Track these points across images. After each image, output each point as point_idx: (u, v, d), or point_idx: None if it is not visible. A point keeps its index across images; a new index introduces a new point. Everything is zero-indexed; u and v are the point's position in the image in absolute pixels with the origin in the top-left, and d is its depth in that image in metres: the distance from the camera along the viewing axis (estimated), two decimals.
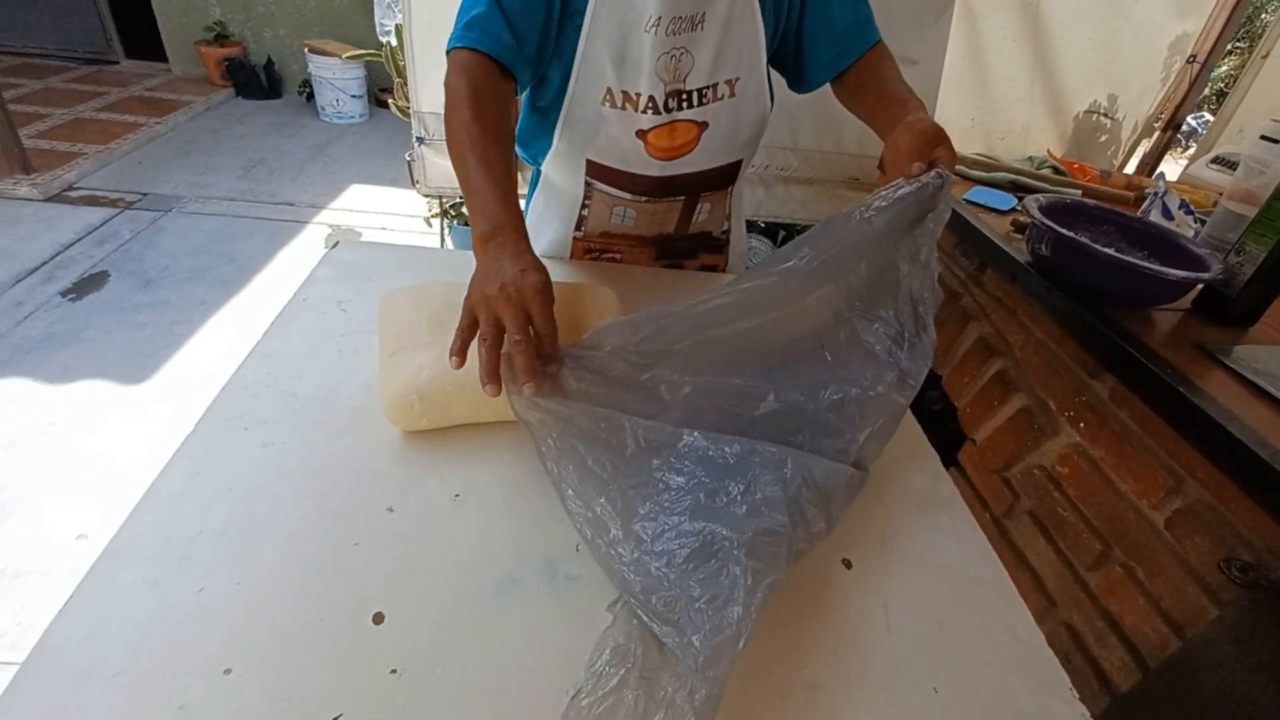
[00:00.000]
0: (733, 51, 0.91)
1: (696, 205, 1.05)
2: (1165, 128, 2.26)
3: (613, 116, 0.92)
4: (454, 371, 0.68)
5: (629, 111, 0.91)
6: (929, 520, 0.70)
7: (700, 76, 0.91)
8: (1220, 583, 0.81)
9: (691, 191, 1.03)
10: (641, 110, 0.91)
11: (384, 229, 3.36)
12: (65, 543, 1.65)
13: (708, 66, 0.90)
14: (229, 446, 0.65)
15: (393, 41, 2.76)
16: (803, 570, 0.62)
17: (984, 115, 2.17)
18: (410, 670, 0.49)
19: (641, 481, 0.59)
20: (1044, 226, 1.04)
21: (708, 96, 0.93)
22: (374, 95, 4.95)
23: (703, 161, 0.98)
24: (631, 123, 0.92)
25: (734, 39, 0.90)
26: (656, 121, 0.92)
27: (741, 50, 0.91)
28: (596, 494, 0.58)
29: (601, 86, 0.90)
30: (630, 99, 0.90)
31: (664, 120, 0.92)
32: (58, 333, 2.35)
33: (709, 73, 0.91)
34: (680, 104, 0.92)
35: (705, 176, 1.01)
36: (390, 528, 0.59)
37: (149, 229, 3.09)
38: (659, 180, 0.97)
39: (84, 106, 4.31)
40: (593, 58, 0.88)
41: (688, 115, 0.93)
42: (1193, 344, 0.97)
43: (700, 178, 1.01)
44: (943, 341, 1.38)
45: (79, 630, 0.48)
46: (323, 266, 0.95)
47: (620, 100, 0.91)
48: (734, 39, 0.90)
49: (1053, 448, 1.08)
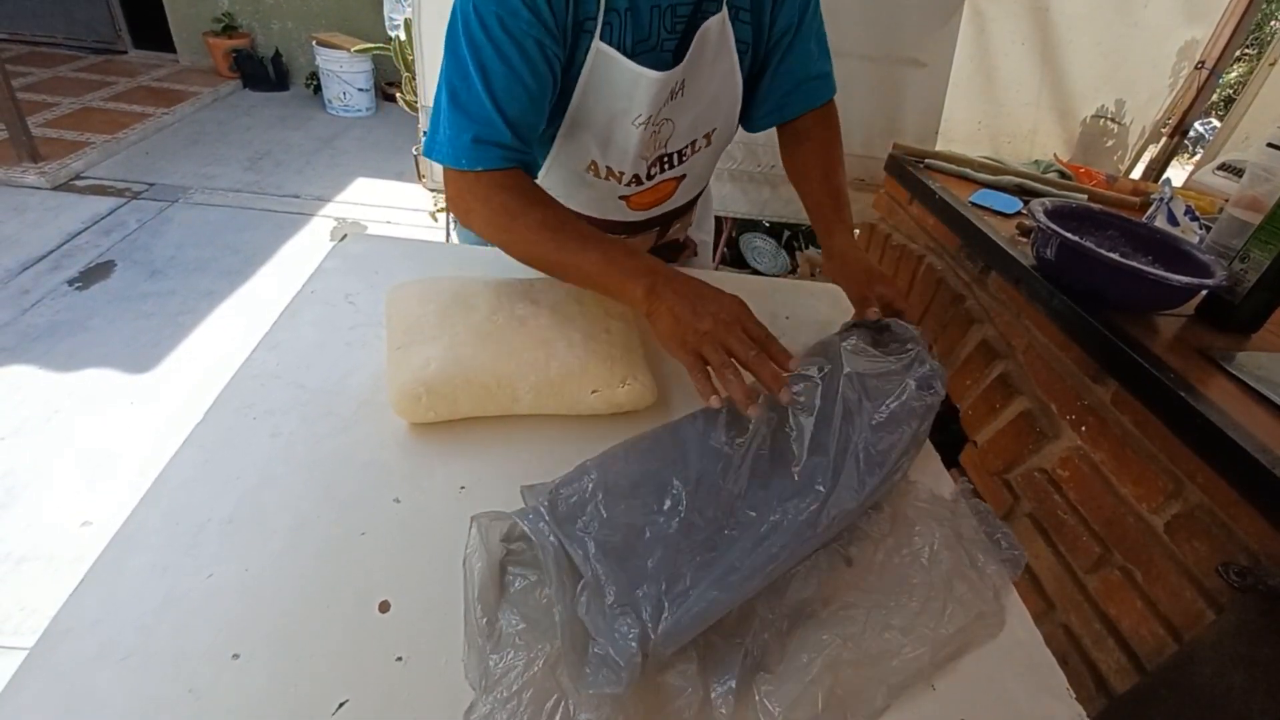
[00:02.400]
0: (712, 108, 0.89)
1: (669, 229, 1.10)
2: (1172, 133, 2.26)
3: (596, 183, 0.91)
4: (461, 365, 0.69)
5: (611, 183, 0.91)
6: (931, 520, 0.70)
7: (681, 139, 0.90)
8: (1218, 587, 0.81)
9: (666, 224, 1.07)
10: (625, 184, 0.91)
11: (389, 223, 3.37)
12: (70, 530, 1.66)
13: (688, 128, 0.89)
14: (238, 436, 0.66)
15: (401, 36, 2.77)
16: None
17: (991, 118, 2.17)
18: (415, 658, 0.50)
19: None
20: (1049, 230, 1.04)
21: (687, 154, 0.93)
22: (381, 89, 4.96)
23: (678, 201, 1.02)
24: (614, 190, 0.92)
25: (714, 98, 0.88)
26: (639, 189, 0.93)
27: (720, 104, 0.90)
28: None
29: (585, 160, 0.88)
30: (614, 174, 0.89)
31: (647, 187, 0.94)
32: (64, 321, 2.36)
33: (689, 133, 0.90)
34: (663, 167, 0.92)
35: (679, 210, 1.06)
36: (396, 518, 0.60)
37: (155, 219, 3.10)
38: (637, 223, 1.01)
39: (92, 96, 4.32)
40: (577, 137, 0.85)
41: (670, 175, 0.94)
42: (1195, 350, 0.97)
43: (675, 213, 1.05)
44: (945, 345, 1.39)
45: (90, 614, 0.49)
46: (331, 259, 0.96)
47: (604, 173, 0.89)
48: (714, 98, 0.88)
49: (1054, 451, 1.08)
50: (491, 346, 0.72)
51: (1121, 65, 2.12)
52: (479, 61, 0.71)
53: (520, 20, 0.69)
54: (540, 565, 0.52)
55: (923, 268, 1.50)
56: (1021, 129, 2.20)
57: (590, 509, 0.55)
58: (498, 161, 0.74)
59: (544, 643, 0.48)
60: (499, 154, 0.73)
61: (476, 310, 0.76)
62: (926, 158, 1.61)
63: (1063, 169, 1.69)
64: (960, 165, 1.56)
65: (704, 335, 0.64)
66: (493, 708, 0.44)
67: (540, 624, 0.49)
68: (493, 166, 0.74)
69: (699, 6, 0.79)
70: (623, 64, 0.76)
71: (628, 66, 0.76)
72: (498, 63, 0.70)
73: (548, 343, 0.74)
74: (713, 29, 0.80)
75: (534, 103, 0.74)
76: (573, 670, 0.46)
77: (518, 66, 0.71)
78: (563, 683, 0.46)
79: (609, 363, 0.74)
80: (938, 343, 1.41)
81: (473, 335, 0.73)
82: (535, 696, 0.45)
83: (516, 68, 0.71)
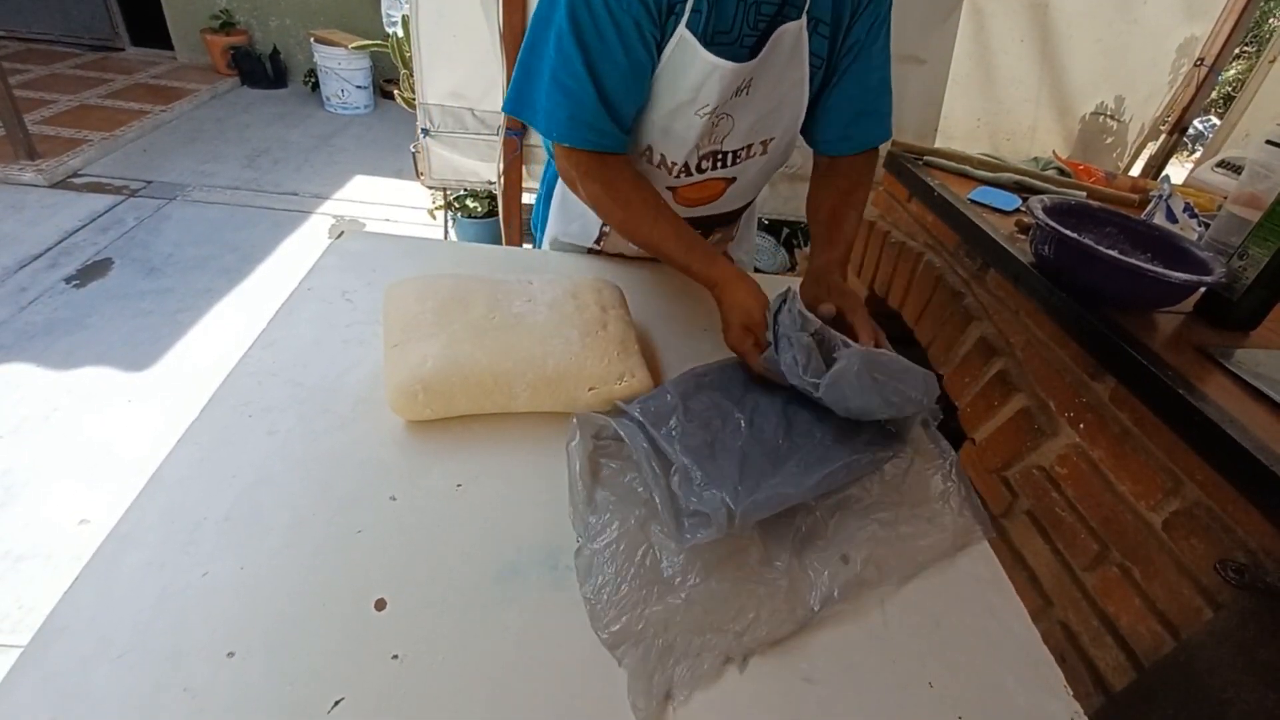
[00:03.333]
0: (774, 115, 0.90)
1: (709, 236, 1.09)
2: (1171, 131, 2.26)
3: (648, 170, 0.92)
4: (458, 363, 0.69)
5: (663, 172, 0.92)
6: (927, 517, 0.70)
7: (738, 139, 0.90)
8: (1216, 584, 0.81)
9: (707, 228, 1.07)
10: (675, 175, 0.93)
11: (388, 220, 3.36)
12: (68, 528, 1.66)
13: (746, 130, 0.90)
14: (234, 433, 0.65)
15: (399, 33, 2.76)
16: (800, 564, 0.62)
17: (990, 115, 2.16)
18: (411, 656, 0.50)
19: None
20: (1048, 228, 1.04)
21: (741, 156, 0.93)
22: (379, 86, 4.95)
23: (722, 207, 1.02)
24: (663, 180, 0.93)
25: (778, 104, 0.89)
26: (688, 181, 0.94)
27: (782, 113, 0.90)
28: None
29: (643, 144, 0.90)
30: (666, 163, 0.91)
31: (695, 180, 0.94)
32: (62, 319, 2.36)
33: (747, 135, 0.91)
34: (715, 164, 0.93)
35: (721, 217, 1.06)
36: (393, 516, 0.60)
37: (153, 217, 3.10)
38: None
39: (89, 93, 4.31)
40: (640, 121, 0.87)
41: (720, 174, 0.95)
42: (1194, 347, 0.97)
43: (717, 218, 1.05)
44: (943, 341, 1.39)
45: (85, 611, 0.49)
46: (328, 256, 0.95)
47: (657, 161, 0.91)
48: (778, 104, 0.89)
49: (1052, 448, 1.08)
50: (489, 344, 0.72)
51: (1121, 62, 2.12)
52: (578, 38, 0.73)
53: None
54: (623, 457, 0.67)
55: (921, 265, 1.49)
56: (1021, 126, 2.20)
57: (673, 419, 0.69)
58: (590, 143, 0.78)
59: (633, 510, 0.62)
60: (592, 137, 0.77)
61: (474, 308, 0.76)
62: (925, 155, 1.61)
63: (1062, 166, 1.69)
64: (959, 162, 1.56)
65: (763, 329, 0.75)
66: (595, 551, 0.58)
67: (627, 500, 0.63)
68: (584, 147, 0.78)
69: (782, 8, 0.80)
70: (700, 52, 0.78)
71: (704, 56, 0.78)
72: (596, 39, 0.73)
73: (545, 340, 0.73)
74: (789, 33, 0.81)
75: (630, 82, 0.77)
76: (671, 531, 0.59)
77: (613, 44, 0.74)
78: (651, 536, 0.60)
79: (606, 359, 0.74)
80: (936, 341, 1.41)
81: (470, 333, 0.72)
82: (629, 545, 0.59)
83: (611, 46, 0.74)
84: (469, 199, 2.81)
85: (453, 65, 1.82)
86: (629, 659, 0.51)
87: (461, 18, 1.75)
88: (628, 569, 0.57)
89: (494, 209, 2.71)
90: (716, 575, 0.58)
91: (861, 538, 0.64)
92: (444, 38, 1.78)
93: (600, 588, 0.56)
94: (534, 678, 0.50)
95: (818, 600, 0.58)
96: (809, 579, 0.60)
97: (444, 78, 1.84)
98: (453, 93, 1.87)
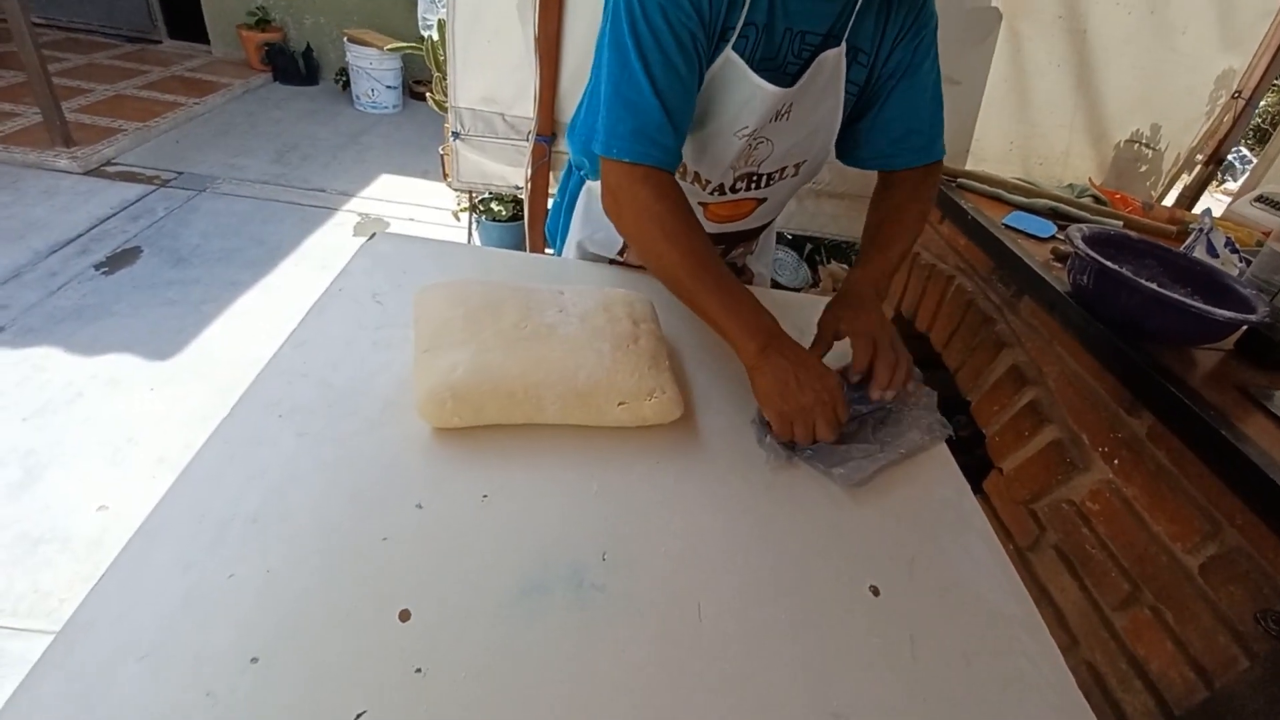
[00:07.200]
0: (809, 140, 0.90)
1: (732, 251, 1.11)
2: (1207, 161, 2.22)
3: (681, 186, 0.91)
4: (488, 372, 0.68)
5: (696, 188, 0.92)
6: (958, 547, 0.69)
7: (774, 163, 0.91)
8: (1254, 633, 0.79)
9: (731, 244, 1.08)
10: (709, 192, 0.93)
11: (412, 220, 3.38)
12: (87, 513, 1.67)
13: (783, 153, 0.90)
14: (263, 433, 0.65)
15: (434, 36, 2.79)
16: (829, 594, 0.61)
17: (1023, 139, 2.14)
18: (434, 671, 0.49)
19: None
20: (1087, 257, 1.02)
21: (775, 178, 0.94)
22: (408, 87, 4.99)
23: (749, 224, 1.03)
24: (696, 195, 0.93)
25: (814, 129, 0.89)
26: (721, 199, 0.94)
27: (816, 137, 0.91)
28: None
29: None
30: (700, 180, 0.91)
31: (729, 199, 0.95)
32: (89, 305, 2.39)
33: (782, 158, 0.91)
34: (750, 185, 0.93)
35: (747, 233, 1.07)
36: (419, 525, 0.59)
37: (182, 207, 3.14)
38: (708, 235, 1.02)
39: (126, 84, 4.39)
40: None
41: (752, 195, 0.95)
42: (1235, 386, 0.94)
43: (742, 235, 1.06)
44: (973, 368, 1.36)
45: (113, 608, 0.49)
46: (359, 258, 0.95)
47: (691, 178, 0.91)
48: (814, 129, 0.89)
49: (1084, 483, 1.05)
50: (519, 354, 0.71)
51: (1158, 90, 2.09)
52: (640, 50, 0.74)
53: (682, 11, 0.73)
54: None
55: (952, 288, 1.47)
56: (1054, 151, 2.17)
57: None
58: (652, 159, 0.77)
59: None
60: (655, 152, 0.76)
61: (505, 316, 0.75)
62: (959, 177, 1.59)
63: (1098, 194, 1.66)
64: (994, 186, 1.54)
65: (801, 409, 0.71)
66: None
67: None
68: (646, 162, 0.77)
69: (826, 38, 0.81)
70: (746, 75, 0.79)
71: (750, 78, 0.79)
72: (656, 51, 0.73)
73: (576, 353, 0.73)
74: (829, 60, 0.82)
75: (688, 93, 0.77)
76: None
77: (674, 55, 0.74)
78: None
79: (637, 375, 0.73)
80: (965, 366, 1.39)
81: (501, 342, 0.72)
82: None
83: (672, 56, 0.74)
84: (494, 202, 2.83)
85: (486, 70, 1.83)
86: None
87: (497, 22, 1.75)
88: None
89: (518, 213, 2.72)
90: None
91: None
92: (478, 42, 1.79)
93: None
94: (557, 701, 0.49)
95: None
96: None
97: (477, 82, 1.85)
98: (485, 97, 1.88)
